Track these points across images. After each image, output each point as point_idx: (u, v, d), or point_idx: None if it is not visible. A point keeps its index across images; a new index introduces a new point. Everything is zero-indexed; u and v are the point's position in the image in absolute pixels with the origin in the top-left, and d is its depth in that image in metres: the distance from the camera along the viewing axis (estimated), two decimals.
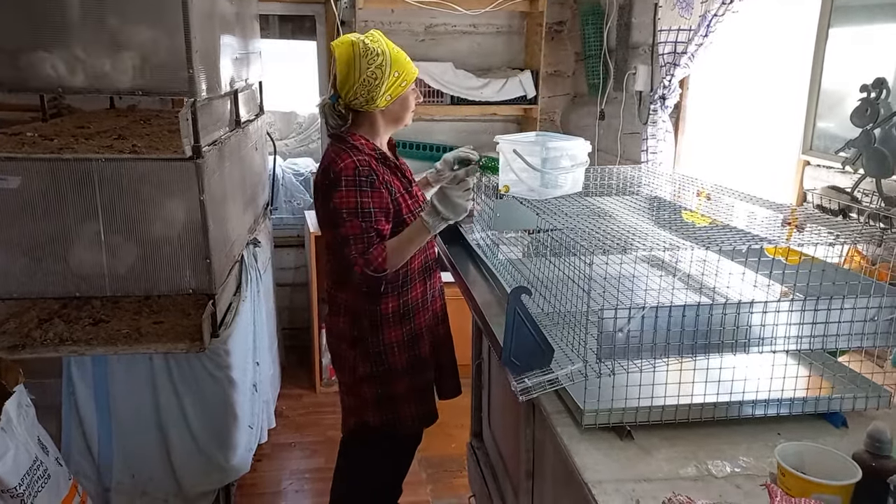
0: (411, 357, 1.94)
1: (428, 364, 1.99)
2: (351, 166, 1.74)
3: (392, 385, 1.93)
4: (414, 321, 1.93)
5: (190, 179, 1.95)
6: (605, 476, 1.10)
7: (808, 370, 1.41)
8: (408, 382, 1.95)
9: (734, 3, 2.09)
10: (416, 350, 1.95)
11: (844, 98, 1.75)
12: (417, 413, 1.98)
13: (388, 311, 1.89)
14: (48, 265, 2.01)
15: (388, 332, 1.90)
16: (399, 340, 1.92)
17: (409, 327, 1.93)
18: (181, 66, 1.85)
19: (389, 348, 1.91)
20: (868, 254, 1.54)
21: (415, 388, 1.97)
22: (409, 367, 1.94)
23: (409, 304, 1.92)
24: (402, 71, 1.80)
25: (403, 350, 1.92)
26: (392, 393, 1.94)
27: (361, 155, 1.78)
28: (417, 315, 1.94)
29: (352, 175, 1.73)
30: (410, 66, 1.82)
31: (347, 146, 1.80)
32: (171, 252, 2.04)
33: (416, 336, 1.94)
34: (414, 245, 1.79)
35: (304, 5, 3.55)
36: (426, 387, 2.01)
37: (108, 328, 2.12)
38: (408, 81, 1.82)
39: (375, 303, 1.87)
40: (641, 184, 1.96)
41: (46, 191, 1.95)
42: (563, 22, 3.71)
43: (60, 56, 1.85)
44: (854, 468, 0.99)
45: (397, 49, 1.82)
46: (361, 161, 1.76)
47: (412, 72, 1.83)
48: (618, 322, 1.17)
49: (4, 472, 1.74)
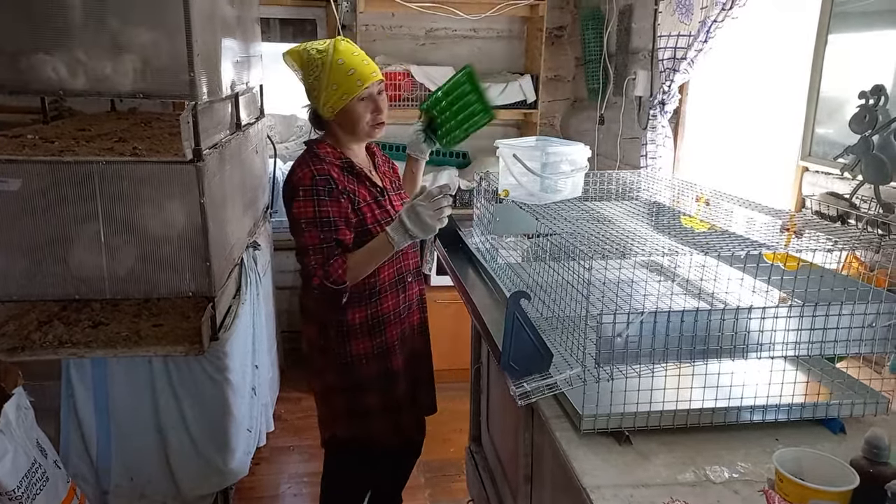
0: (382, 370, 1.89)
1: (401, 378, 1.93)
2: (308, 176, 1.73)
3: (362, 398, 1.89)
4: (385, 334, 1.88)
5: (190, 182, 1.96)
6: (603, 481, 1.10)
7: (807, 376, 1.42)
8: (379, 397, 1.90)
9: (734, 10, 2.09)
10: (388, 363, 1.90)
11: (843, 104, 1.76)
12: (390, 429, 1.94)
13: (355, 321, 1.84)
14: (48, 267, 2.01)
15: (356, 343, 1.86)
16: (368, 353, 1.87)
17: (380, 340, 1.87)
18: (182, 69, 1.85)
19: (358, 360, 1.86)
20: (866, 260, 1.54)
21: (387, 402, 1.92)
22: (379, 380, 1.89)
23: (379, 316, 1.87)
24: (341, 84, 1.72)
25: (373, 363, 1.87)
26: (363, 407, 1.90)
27: (322, 164, 1.76)
28: (389, 327, 1.89)
29: (308, 184, 1.72)
30: (353, 81, 1.72)
31: (310, 155, 1.80)
32: (170, 255, 2.04)
33: (388, 349, 1.89)
34: (376, 260, 1.76)
35: (305, 9, 3.56)
36: (400, 401, 1.94)
37: (107, 331, 2.12)
38: (349, 94, 1.73)
39: (342, 313, 1.83)
40: (641, 189, 1.96)
41: (47, 193, 1.95)
42: (564, 27, 3.72)
43: (61, 59, 1.86)
44: (852, 474, 0.99)
45: (348, 62, 1.73)
46: (319, 170, 1.74)
47: (355, 87, 1.73)
48: (617, 327, 1.17)
49: (3, 475, 1.74)
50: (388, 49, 3.57)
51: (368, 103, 1.78)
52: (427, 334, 2.08)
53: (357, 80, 1.73)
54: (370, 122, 1.79)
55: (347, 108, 1.76)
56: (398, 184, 2.01)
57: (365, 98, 1.76)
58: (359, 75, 1.74)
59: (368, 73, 1.75)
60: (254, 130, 2.82)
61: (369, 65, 1.78)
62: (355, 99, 1.75)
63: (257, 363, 2.65)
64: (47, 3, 1.81)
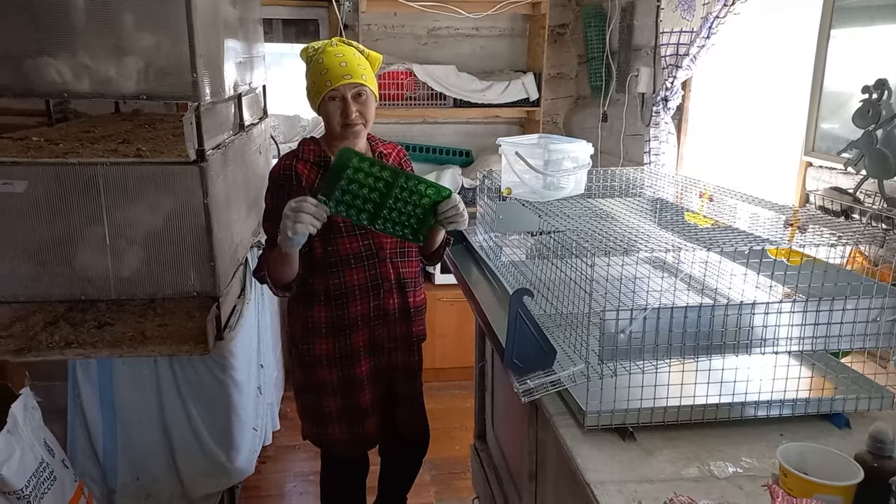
0: (344, 376, 1.85)
1: (365, 387, 1.88)
2: (276, 170, 1.80)
3: (322, 400, 1.88)
4: (349, 339, 1.83)
5: (194, 183, 1.96)
6: (607, 477, 1.10)
7: (811, 371, 1.41)
8: (338, 401, 1.87)
9: (735, 5, 2.09)
10: (351, 370, 1.85)
11: (847, 99, 1.76)
12: (347, 436, 1.90)
13: (319, 320, 1.82)
14: (54, 268, 2.02)
15: (318, 342, 1.84)
16: (329, 354, 1.84)
17: (343, 344, 1.83)
18: (185, 70, 1.86)
19: (318, 360, 1.85)
20: (870, 255, 1.54)
21: (346, 408, 1.88)
22: (339, 385, 1.86)
23: (344, 321, 1.82)
24: (315, 83, 1.75)
25: (334, 366, 1.85)
26: (322, 409, 1.89)
27: (293, 160, 1.80)
28: (355, 333, 1.83)
29: (273, 178, 1.80)
30: (323, 80, 1.73)
31: (289, 153, 1.84)
32: (175, 255, 2.05)
33: (352, 354, 1.84)
34: (273, 260, 1.70)
35: (307, 9, 3.57)
36: (360, 409, 1.89)
37: (112, 331, 2.13)
38: (322, 92, 1.73)
39: (309, 309, 1.83)
40: (644, 185, 1.96)
41: (52, 195, 1.96)
42: (566, 24, 3.72)
43: (66, 61, 1.87)
44: (856, 469, 0.99)
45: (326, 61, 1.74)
46: (286, 166, 1.79)
47: (324, 86, 1.73)
48: (620, 323, 1.17)
49: (11, 474, 1.75)
50: (391, 48, 3.58)
51: (338, 105, 1.75)
52: (412, 349, 1.96)
53: (327, 80, 1.73)
54: (339, 122, 1.76)
55: (321, 105, 1.78)
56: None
57: (336, 98, 1.76)
58: (330, 76, 1.73)
59: (340, 74, 1.73)
60: (257, 131, 2.83)
61: (347, 67, 1.74)
62: (325, 97, 1.75)
63: (262, 362, 2.66)
64: (51, 7, 1.82)
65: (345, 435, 1.90)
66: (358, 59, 1.78)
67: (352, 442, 1.92)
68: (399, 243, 1.85)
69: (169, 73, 1.89)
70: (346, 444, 1.92)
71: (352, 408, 1.88)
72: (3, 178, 1.93)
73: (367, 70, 1.78)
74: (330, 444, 1.94)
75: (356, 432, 1.91)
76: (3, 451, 1.74)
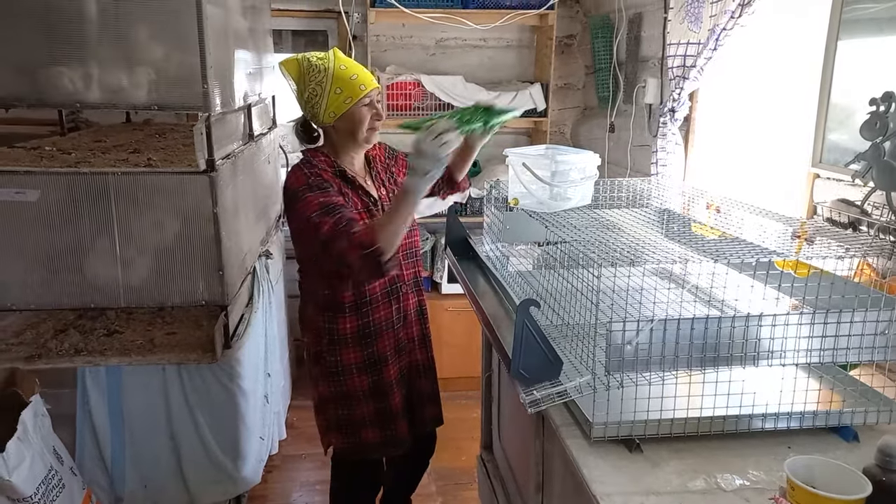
0: (373, 382, 1.90)
1: (395, 389, 1.93)
2: (302, 178, 1.77)
3: (353, 408, 1.91)
4: (376, 345, 1.88)
5: (204, 192, 1.98)
6: (613, 489, 1.10)
7: (819, 384, 1.41)
8: (370, 407, 1.91)
9: (742, 17, 2.10)
10: (379, 375, 1.90)
11: (854, 111, 1.75)
12: (381, 439, 1.94)
13: (345, 331, 1.86)
14: (64, 277, 2.04)
15: (346, 353, 1.87)
16: (358, 363, 1.88)
17: (371, 351, 1.88)
18: (196, 81, 1.88)
19: (348, 370, 1.88)
20: (878, 267, 1.54)
21: (378, 412, 1.92)
22: (370, 391, 1.90)
23: (370, 327, 1.87)
24: (345, 88, 1.77)
25: (364, 373, 1.89)
26: (353, 417, 1.91)
27: (313, 169, 1.80)
28: (380, 339, 1.89)
29: (304, 183, 1.75)
30: (356, 85, 1.77)
31: (303, 163, 1.84)
32: (184, 264, 2.06)
33: (379, 360, 1.89)
34: (400, 214, 1.63)
35: (316, 20, 3.60)
36: (392, 412, 1.94)
37: (121, 339, 2.14)
38: (353, 98, 1.77)
39: (334, 321, 1.86)
40: (651, 196, 1.96)
41: (63, 204, 1.98)
42: (574, 35, 3.74)
43: (78, 72, 1.89)
44: (864, 482, 0.98)
45: (350, 68, 1.80)
46: (312, 173, 1.79)
47: (358, 90, 1.77)
48: (626, 335, 1.17)
49: (21, 481, 1.76)
50: (399, 59, 3.60)
51: (370, 108, 1.82)
52: (428, 347, 2.06)
53: (360, 84, 1.79)
54: (370, 125, 1.83)
55: (349, 112, 1.79)
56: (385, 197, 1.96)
57: (367, 103, 1.81)
58: (361, 80, 1.80)
59: (369, 79, 1.82)
60: (266, 140, 2.85)
61: (367, 72, 1.84)
62: (359, 103, 1.79)
63: (269, 371, 2.67)
64: (64, 18, 1.85)
65: (379, 438, 1.93)
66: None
67: (386, 445, 1.95)
68: (407, 245, 1.94)
69: (180, 83, 1.91)
70: (380, 447, 1.96)
71: (384, 412, 1.93)
72: (16, 188, 1.95)
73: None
74: (365, 449, 1.96)
75: (389, 435, 1.94)
76: (14, 457, 1.75)
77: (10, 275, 2.03)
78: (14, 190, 1.95)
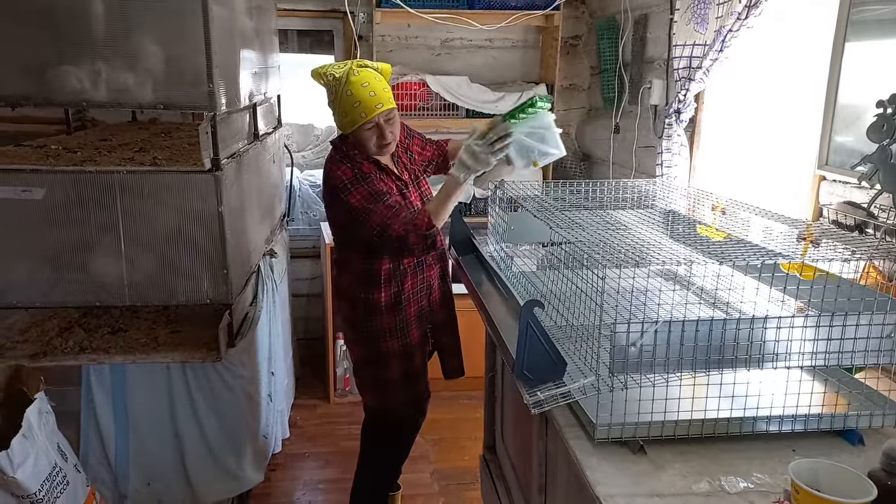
0: (402, 344, 2.11)
1: (417, 350, 2.15)
2: (348, 171, 1.96)
3: (385, 370, 2.11)
4: (404, 311, 2.09)
5: (209, 191, 1.99)
6: (616, 490, 1.10)
7: (824, 386, 1.40)
8: (399, 368, 2.12)
9: (749, 19, 2.09)
10: (407, 338, 2.12)
11: (861, 113, 1.75)
12: (409, 397, 2.16)
13: (380, 300, 2.06)
14: (70, 275, 2.05)
15: (380, 319, 2.07)
16: (391, 328, 2.08)
17: (401, 316, 2.09)
18: (201, 80, 1.89)
19: (381, 335, 2.08)
20: (885, 270, 1.53)
21: (405, 373, 2.13)
22: (400, 353, 2.11)
23: (400, 296, 2.08)
24: (349, 112, 1.92)
25: (395, 337, 2.09)
26: (385, 377, 2.12)
27: (353, 161, 1.98)
28: (408, 306, 2.10)
29: (352, 175, 1.95)
30: (358, 112, 1.90)
31: (341, 155, 2.00)
32: (189, 262, 2.07)
33: (407, 324, 2.11)
34: (451, 199, 1.95)
35: (322, 20, 3.61)
36: (416, 371, 2.16)
37: (126, 337, 2.15)
38: (357, 122, 1.92)
39: (370, 292, 2.05)
40: (656, 197, 1.96)
41: (69, 202, 1.99)
42: (579, 36, 3.73)
43: (84, 71, 1.90)
44: (869, 486, 0.98)
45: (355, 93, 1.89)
46: (353, 165, 1.97)
47: (359, 118, 1.91)
48: (631, 336, 1.17)
49: (25, 478, 1.76)
50: (404, 59, 3.60)
51: (374, 130, 1.95)
52: (450, 306, 2.26)
53: (361, 112, 1.91)
54: (376, 144, 1.97)
55: (355, 132, 1.96)
56: (417, 173, 2.17)
57: (370, 128, 1.94)
58: (363, 108, 1.91)
59: (373, 105, 1.91)
60: (271, 140, 2.86)
61: (376, 96, 1.91)
62: (361, 128, 1.93)
63: (273, 370, 2.67)
64: (71, 18, 1.86)
65: (407, 396, 2.16)
66: (380, 83, 1.95)
67: (411, 401, 2.18)
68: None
69: (185, 83, 1.92)
70: (406, 404, 2.18)
71: (409, 372, 2.14)
72: (23, 186, 1.96)
73: (389, 91, 1.97)
74: (393, 405, 2.17)
75: (414, 393, 2.17)
76: (19, 454, 1.76)
77: (15, 272, 2.04)
78: (20, 188, 1.96)
